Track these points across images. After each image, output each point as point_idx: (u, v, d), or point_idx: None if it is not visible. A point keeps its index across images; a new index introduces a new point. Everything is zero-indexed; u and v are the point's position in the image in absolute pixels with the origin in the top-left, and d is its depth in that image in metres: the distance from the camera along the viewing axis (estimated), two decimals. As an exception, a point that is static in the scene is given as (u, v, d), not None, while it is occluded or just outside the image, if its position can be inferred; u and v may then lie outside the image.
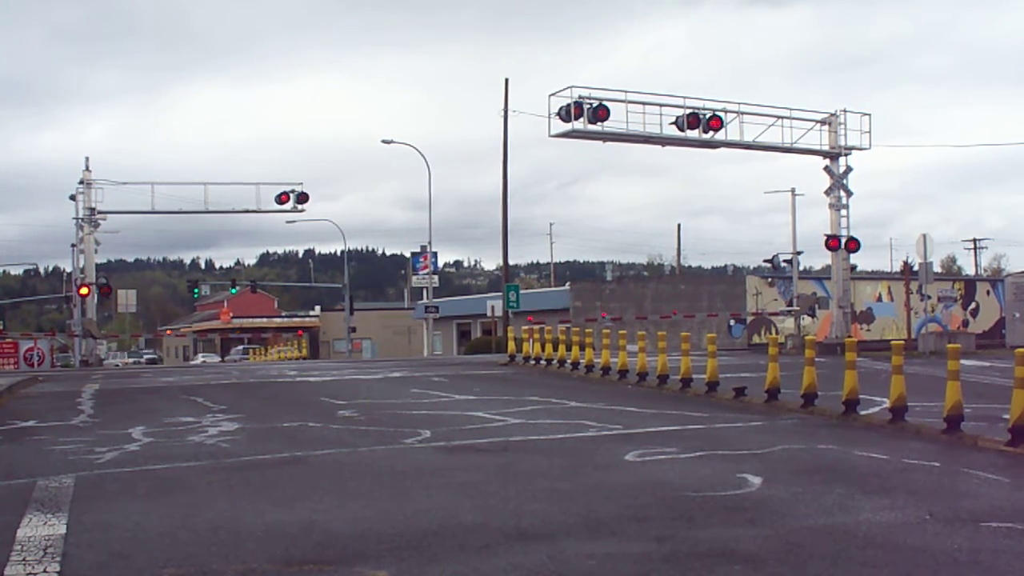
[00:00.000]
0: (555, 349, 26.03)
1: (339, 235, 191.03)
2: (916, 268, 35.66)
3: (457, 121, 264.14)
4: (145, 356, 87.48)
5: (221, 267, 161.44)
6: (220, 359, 72.41)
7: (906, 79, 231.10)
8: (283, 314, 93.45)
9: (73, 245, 38.62)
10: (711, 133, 30.80)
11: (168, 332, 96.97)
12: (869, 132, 33.33)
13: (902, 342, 16.12)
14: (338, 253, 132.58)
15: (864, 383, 14.82)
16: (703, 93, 61.56)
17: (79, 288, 36.45)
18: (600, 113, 28.84)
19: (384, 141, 48.90)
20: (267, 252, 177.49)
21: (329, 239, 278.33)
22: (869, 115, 33.48)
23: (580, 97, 28.84)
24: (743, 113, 31.57)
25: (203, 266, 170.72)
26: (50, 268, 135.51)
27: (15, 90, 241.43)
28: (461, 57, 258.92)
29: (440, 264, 57.03)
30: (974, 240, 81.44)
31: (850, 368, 14.35)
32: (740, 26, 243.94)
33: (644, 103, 29.91)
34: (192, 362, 73.78)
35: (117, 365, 57.63)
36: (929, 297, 40.68)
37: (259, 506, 8.34)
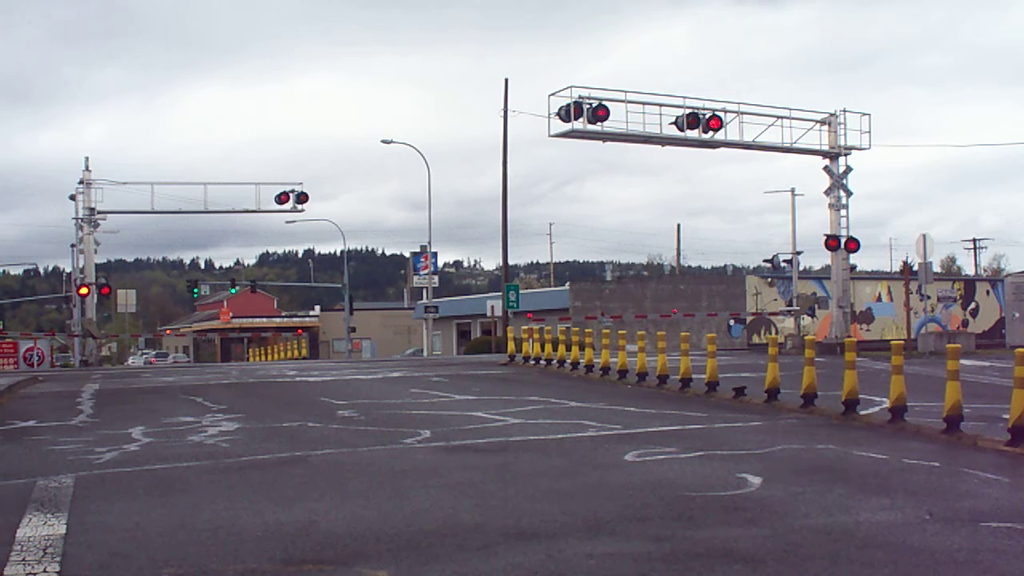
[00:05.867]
0: (555, 349, 26.03)
1: (339, 235, 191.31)
2: (916, 268, 35.62)
3: (457, 121, 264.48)
4: (144, 356, 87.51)
5: (221, 267, 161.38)
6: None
7: (906, 79, 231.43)
8: (283, 314, 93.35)
9: (73, 245, 38.67)
10: (711, 133, 30.79)
11: (168, 332, 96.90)
12: (869, 132, 33.37)
13: (902, 342, 16.11)
14: (338, 253, 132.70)
15: (864, 383, 14.83)
16: (703, 93, 61.58)
17: (79, 288, 36.43)
18: (600, 113, 28.85)
19: (384, 141, 48.96)
20: (267, 252, 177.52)
21: (329, 239, 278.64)
22: (869, 115, 33.52)
23: (580, 97, 28.84)
24: (743, 113, 31.57)
25: (203, 266, 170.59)
26: (50, 268, 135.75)
27: (15, 90, 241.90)
28: (461, 57, 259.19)
29: (440, 264, 57.05)
30: (973, 240, 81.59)
31: (850, 368, 14.35)
32: (740, 26, 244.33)
33: (644, 103, 29.92)
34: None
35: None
36: (929, 297, 40.66)
37: (259, 506, 8.34)
